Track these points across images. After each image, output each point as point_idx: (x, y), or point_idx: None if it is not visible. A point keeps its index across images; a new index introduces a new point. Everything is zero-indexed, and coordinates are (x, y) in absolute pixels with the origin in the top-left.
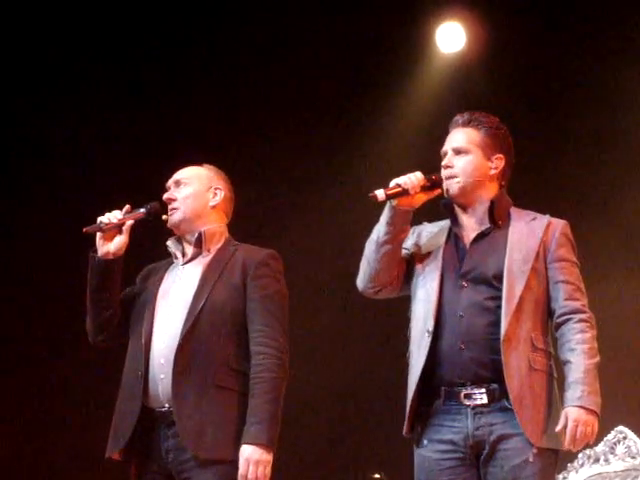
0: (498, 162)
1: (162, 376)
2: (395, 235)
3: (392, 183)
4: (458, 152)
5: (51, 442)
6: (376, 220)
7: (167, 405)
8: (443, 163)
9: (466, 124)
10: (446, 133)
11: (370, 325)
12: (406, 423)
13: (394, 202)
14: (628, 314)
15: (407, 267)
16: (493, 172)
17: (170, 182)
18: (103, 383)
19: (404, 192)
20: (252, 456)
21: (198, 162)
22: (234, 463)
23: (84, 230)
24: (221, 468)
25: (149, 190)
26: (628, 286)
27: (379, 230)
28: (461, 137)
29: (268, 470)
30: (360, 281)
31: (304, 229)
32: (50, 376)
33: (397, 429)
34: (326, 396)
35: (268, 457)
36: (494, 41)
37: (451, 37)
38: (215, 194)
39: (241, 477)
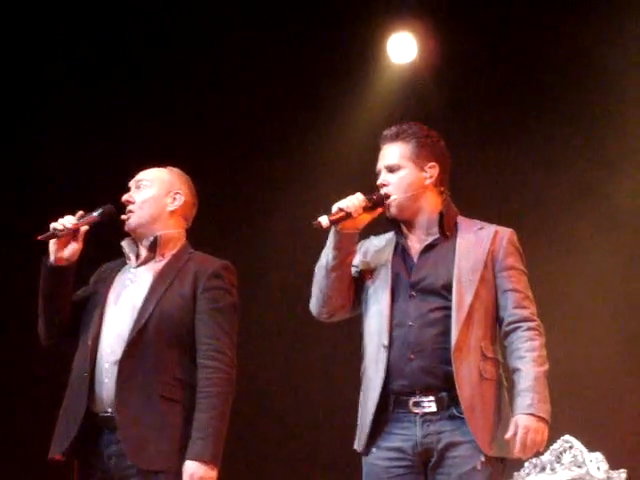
0: (432, 170)
1: (106, 380)
2: (343, 259)
3: (334, 208)
4: (390, 169)
5: None
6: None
7: (109, 410)
8: (378, 182)
9: (395, 138)
10: None
11: (325, 335)
12: (365, 438)
13: (338, 226)
14: (572, 320)
15: (357, 285)
16: (429, 181)
17: (132, 182)
18: (49, 383)
19: (347, 216)
20: (196, 473)
21: (163, 164)
22: (177, 475)
23: (38, 238)
24: (163, 477)
25: (107, 193)
26: (572, 294)
27: (327, 255)
28: (392, 153)
29: None
30: (313, 307)
31: (255, 242)
32: None
33: (346, 437)
34: (277, 406)
35: (212, 474)
36: (446, 51)
37: (402, 48)
38: (174, 199)
39: None
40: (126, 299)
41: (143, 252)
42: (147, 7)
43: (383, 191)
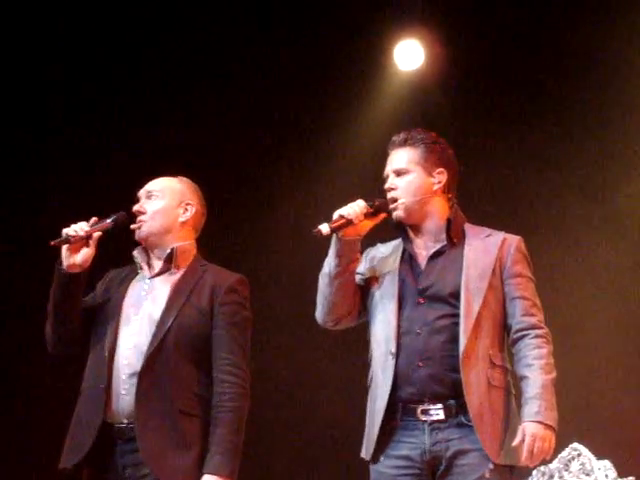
0: (440, 176)
1: (123, 392)
2: (346, 266)
3: (335, 215)
4: (398, 173)
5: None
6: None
7: (125, 421)
8: (385, 186)
9: (403, 144)
10: None
11: (330, 343)
12: (373, 446)
13: (340, 234)
14: (578, 327)
15: (363, 292)
16: (437, 187)
17: (141, 192)
18: (54, 390)
19: (348, 223)
20: None
21: (172, 174)
22: None
23: (51, 243)
24: None
25: (117, 202)
26: (578, 300)
27: (329, 263)
28: (400, 158)
29: None
30: (319, 315)
31: (264, 249)
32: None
33: (353, 446)
34: (286, 418)
35: None
36: (452, 58)
37: (409, 55)
38: (186, 209)
39: None
40: (143, 311)
41: (155, 262)
42: (151, 9)
43: (391, 195)
